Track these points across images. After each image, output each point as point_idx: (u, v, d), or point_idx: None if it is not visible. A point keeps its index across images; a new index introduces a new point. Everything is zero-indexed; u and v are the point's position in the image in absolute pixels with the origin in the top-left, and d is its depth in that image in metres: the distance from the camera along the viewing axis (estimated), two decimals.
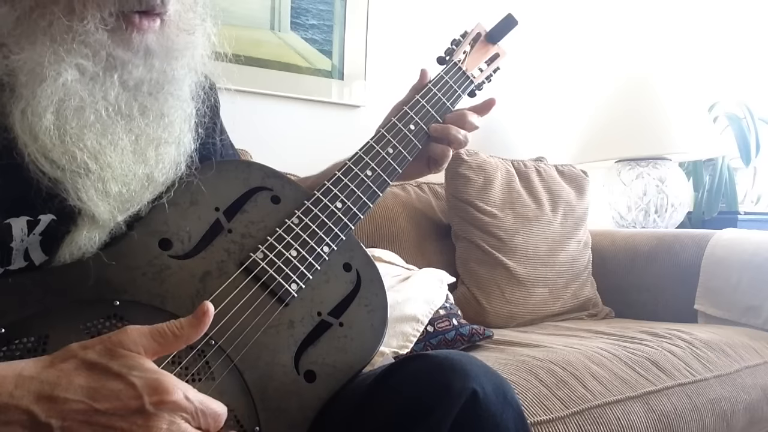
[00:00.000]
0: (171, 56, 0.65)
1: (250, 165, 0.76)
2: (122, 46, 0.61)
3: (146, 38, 0.62)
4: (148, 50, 0.63)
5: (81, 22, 0.58)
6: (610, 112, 2.10)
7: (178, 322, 0.51)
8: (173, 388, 0.47)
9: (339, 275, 0.73)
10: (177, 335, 0.50)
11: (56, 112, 0.58)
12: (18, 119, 0.58)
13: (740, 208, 2.32)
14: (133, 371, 0.47)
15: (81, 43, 0.59)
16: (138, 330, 0.50)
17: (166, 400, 0.47)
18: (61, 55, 0.58)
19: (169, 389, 0.47)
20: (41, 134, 0.57)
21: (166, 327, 0.50)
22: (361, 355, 0.69)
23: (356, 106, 1.84)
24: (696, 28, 2.50)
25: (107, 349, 0.48)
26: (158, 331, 0.50)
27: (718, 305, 1.62)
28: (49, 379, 0.47)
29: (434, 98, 0.88)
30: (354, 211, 0.75)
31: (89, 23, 0.58)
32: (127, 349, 0.48)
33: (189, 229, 0.67)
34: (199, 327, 0.51)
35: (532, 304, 1.61)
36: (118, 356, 0.48)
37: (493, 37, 0.96)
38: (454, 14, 1.95)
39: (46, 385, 0.46)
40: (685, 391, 1.15)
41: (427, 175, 0.91)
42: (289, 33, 1.71)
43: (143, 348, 0.49)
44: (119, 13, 0.60)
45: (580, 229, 1.78)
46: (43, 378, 0.47)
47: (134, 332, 0.49)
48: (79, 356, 0.48)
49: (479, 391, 0.58)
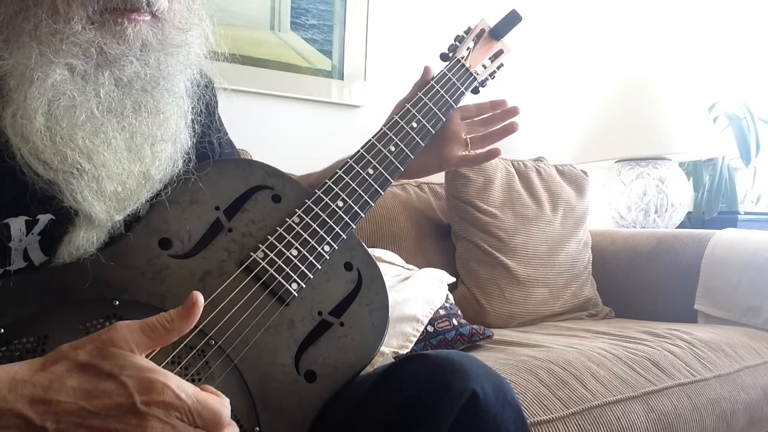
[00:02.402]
0: (167, 51, 0.65)
1: (251, 163, 0.75)
2: (115, 39, 0.60)
3: (141, 30, 0.62)
4: (144, 44, 0.62)
5: (67, 23, 0.58)
6: (610, 112, 2.10)
7: (167, 314, 0.50)
8: (163, 387, 0.46)
9: (340, 274, 0.72)
10: (167, 328, 0.50)
11: (46, 113, 0.58)
12: (9, 123, 0.58)
13: (740, 208, 2.32)
14: (125, 370, 0.47)
15: (70, 43, 0.59)
16: (128, 326, 0.49)
17: (156, 400, 0.46)
18: (48, 56, 0.58)
19: (159, 388, 0.46)
20: (32, 136, 0.57)
21: (156, 320, 0.50)
22: (362, 355, 0.69)
23: (356, 106, 1.84)
24: (696, 28, 2.50)
25: (98, 348, 0.48)
26: (148, 325, 0.49)
27: (718, 305, 1.62)
28: (42, 383, 0.46)
29: (437, 95, 0.87)
30: (355, 209, 0.75)
31: (76, 24, 0.59)
32: (118, 347, 0.48)
33: (189, 228, 0.67)
34: (189, 318, 0.50)
35: (532, 304, 1.61)
36: (110, 355, 0.47)
37: (497, 33, 0.96)
38: (455, 14, 1.95)
39: (38, 388, 0.46)
40: (685, 391, 1.15)
41: (435, 174, 0.91)
42: (289, 33, 1.71)
43: (134, 344, 0.48)
44: (103, 10, 0.60)
45: (580, 229, 1.78)
46: (36, 381, 0.46)
47: (124, 328, 0.49)
48: (71, 357, 0.47)
49: (479, 392, 0.58)
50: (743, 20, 2.57)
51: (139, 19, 0.61)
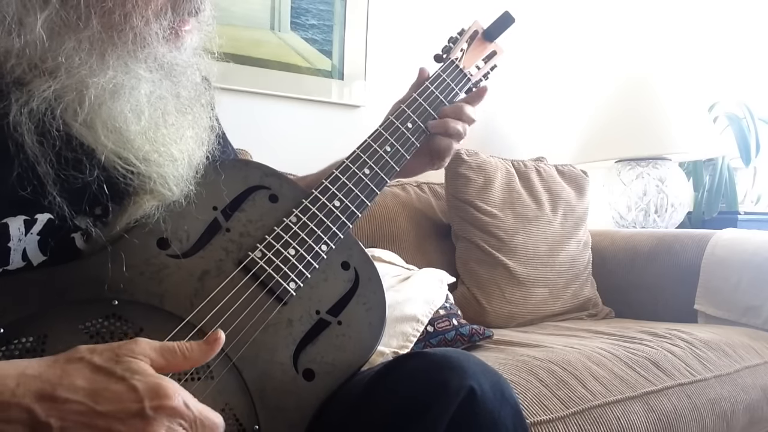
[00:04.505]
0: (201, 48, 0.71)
1: (248, 164, 0.76)
2: (178, 50, 0.67)
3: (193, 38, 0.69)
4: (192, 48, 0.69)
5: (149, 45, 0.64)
6: (610, 112, 2.10)
7: (189, 344, 0.52)
8: (174, 394, 0.48)
9: (337, 274, 0.73)
10: (186, 357, 0.52)
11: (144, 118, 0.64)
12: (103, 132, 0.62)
13: (740, 208, 2.32)
14: (136, 375, 0.48)
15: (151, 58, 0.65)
16: (149, 344, 0.51)
17: (165, 405, 0.47)
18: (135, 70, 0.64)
19: (170, 394, 0.47)
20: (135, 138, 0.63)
21: (177, 347, 0.52)
22: (360, 354, 0.69)
23: (356, 106, 1.84)
24: (696, 28, 2.50)
25: (115, 354, 0.49)
26: (168, 348, 0.51)
27: (718, 305, 1.62)
28: (51, 379, 0.47)
29: (431, 96, 0.88)
30: (352, 209, 0.75)
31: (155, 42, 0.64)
32: (134, 357, 0.49)
33: (187, 228, 0.67)
34: (208, 353, 0.53)
35: (532, 304, 1.61)
36: (123, 362, 0.48)
37: (490, 34, 0.97)
38: (455, 14, 1.95)
39: (47, 384, 0.47)
40: (685, 391, 1.15)
41: (429, 171, 0.92)
42: (289, 33, 1.71)
43: (150, 360, 0.50)
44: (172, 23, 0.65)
45: (580, 229, 1.78)
46: (46, 377, 0.47)
47: (145, 345, 0.50)
48: (86, 359, 0.48)
49: (477, 389, 0.58)
50: (743, 20, 2.57)
51: (190, 29, 0.67)
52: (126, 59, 0.63)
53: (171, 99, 0.67)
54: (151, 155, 0.64)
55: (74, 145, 0.62)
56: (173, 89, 0.68)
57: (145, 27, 0.63)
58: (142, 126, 0.64)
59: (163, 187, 0.65)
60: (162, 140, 0.65)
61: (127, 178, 0.63)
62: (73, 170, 0.61)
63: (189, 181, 0.67)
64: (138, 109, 0.64)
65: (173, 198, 0.66)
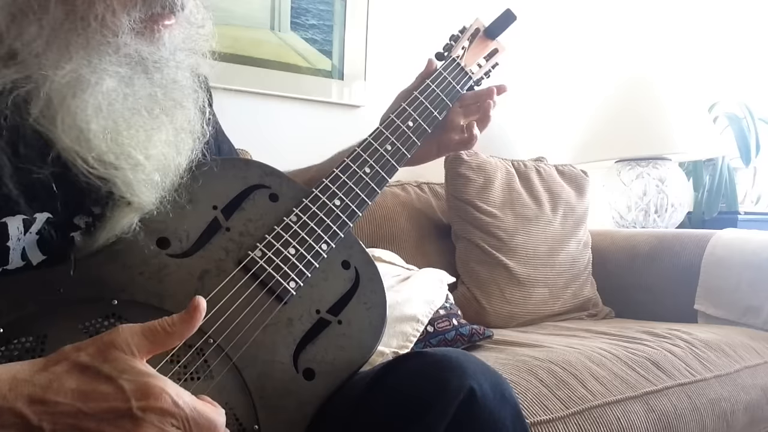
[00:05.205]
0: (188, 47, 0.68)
1: (248, 163, 0.76)
2: (155, 45, 0.64)
3: (174, 34, 0.65)
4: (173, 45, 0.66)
5: (116, 36, 0.61)
6: (610, 112, 2.10)
7: (170, 318, 0.50)
8: (160, 394, 0.46)
9: (337, 273, 0.73)
10: (169, 332, 0.50)
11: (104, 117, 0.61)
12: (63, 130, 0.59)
13: (740, 208, 2.32)
14: (124, 374, 0.47)
15: (119, 53, 0.62)
16: (130, 329, 0.49)
17: (152, 406, 0.46)
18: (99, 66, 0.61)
19: (157, 394, 0.46)
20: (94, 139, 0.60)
21: (158, 324, 0.50)
22: (360, 353, 0.69)
23: (356, 106, 1.84)
24: (696, 28, 2.50)
25: (99, 350, 0.48)
26: (150, 329, 0.50)
27: (718, 305, 1.62)
28: (42, 383, 0.46)
29: (432, 94, 0.88)
30: (352, 208, 0.75)
31: (123, 35, 0.61)
32: (119, 350, 0.48)
33: (187, 227, 0.67)
34: (191, 323, 0.50)
35: (532, 304, 1.61)
36: (110, 359, 0.48)
37: (492, 32, 0.96)
38: (455, 14, 1.94)
39: (38, 388, 0.46)
40: (685, 391, 1.15)
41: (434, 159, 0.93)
42: (289, 33, 1.71)
43: (136, 347, 0.49)
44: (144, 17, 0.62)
45: (580, 229, 1.78)
46: (36, 381, 0.46)
47: (126, 331, 0.49)
48: (72, 359, 0.48)
49: (477, 389, 0.58)
50: (743, 20, 2.57)
51: (171, 24, 0.65)
52: (90, 51, 0.60)
53: (142, 98, 0.64)
54: (107, 156, 0.61)
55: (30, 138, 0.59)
56: (147, 88, 0.64)
57: (111, 17, 0.60)
58: (100, 125, 0.60)
59: (130, 194, 0.62)
60: (122, 142, 0.61)
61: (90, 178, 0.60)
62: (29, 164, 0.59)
63: (163, 188, 0.64)
64: (98, 106, 0.60)
65: (145, 205, 0.63)
